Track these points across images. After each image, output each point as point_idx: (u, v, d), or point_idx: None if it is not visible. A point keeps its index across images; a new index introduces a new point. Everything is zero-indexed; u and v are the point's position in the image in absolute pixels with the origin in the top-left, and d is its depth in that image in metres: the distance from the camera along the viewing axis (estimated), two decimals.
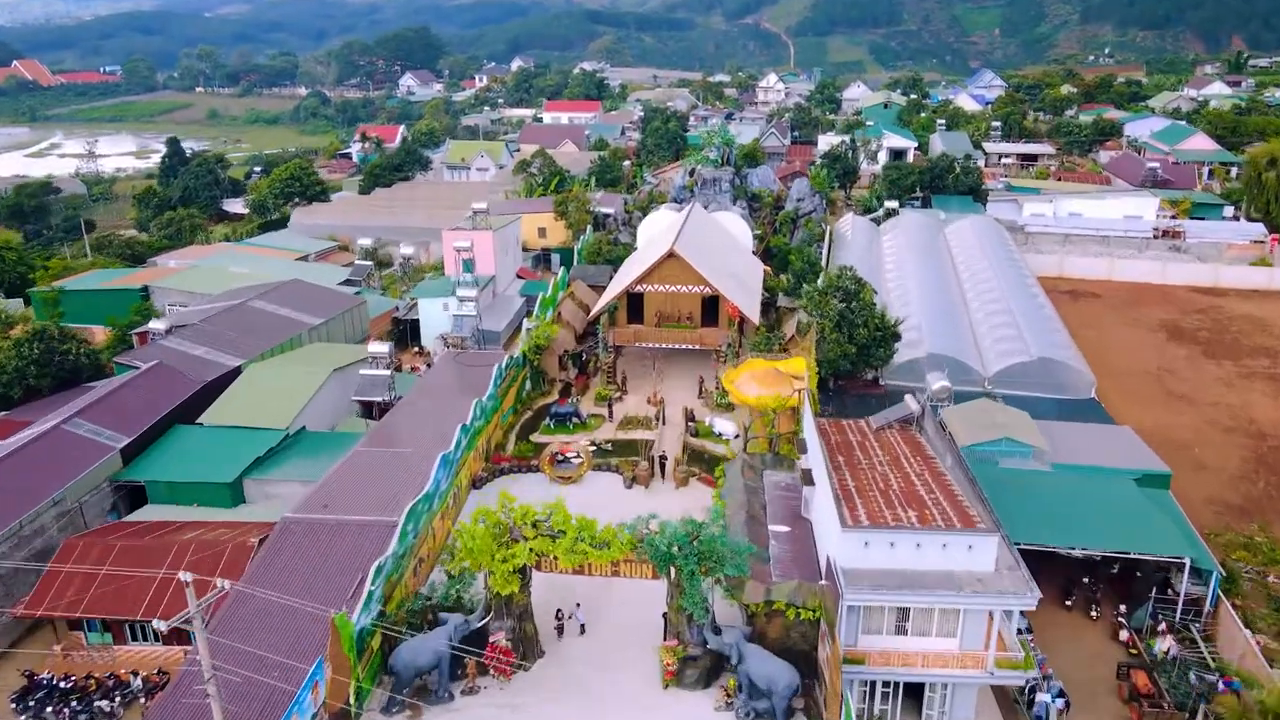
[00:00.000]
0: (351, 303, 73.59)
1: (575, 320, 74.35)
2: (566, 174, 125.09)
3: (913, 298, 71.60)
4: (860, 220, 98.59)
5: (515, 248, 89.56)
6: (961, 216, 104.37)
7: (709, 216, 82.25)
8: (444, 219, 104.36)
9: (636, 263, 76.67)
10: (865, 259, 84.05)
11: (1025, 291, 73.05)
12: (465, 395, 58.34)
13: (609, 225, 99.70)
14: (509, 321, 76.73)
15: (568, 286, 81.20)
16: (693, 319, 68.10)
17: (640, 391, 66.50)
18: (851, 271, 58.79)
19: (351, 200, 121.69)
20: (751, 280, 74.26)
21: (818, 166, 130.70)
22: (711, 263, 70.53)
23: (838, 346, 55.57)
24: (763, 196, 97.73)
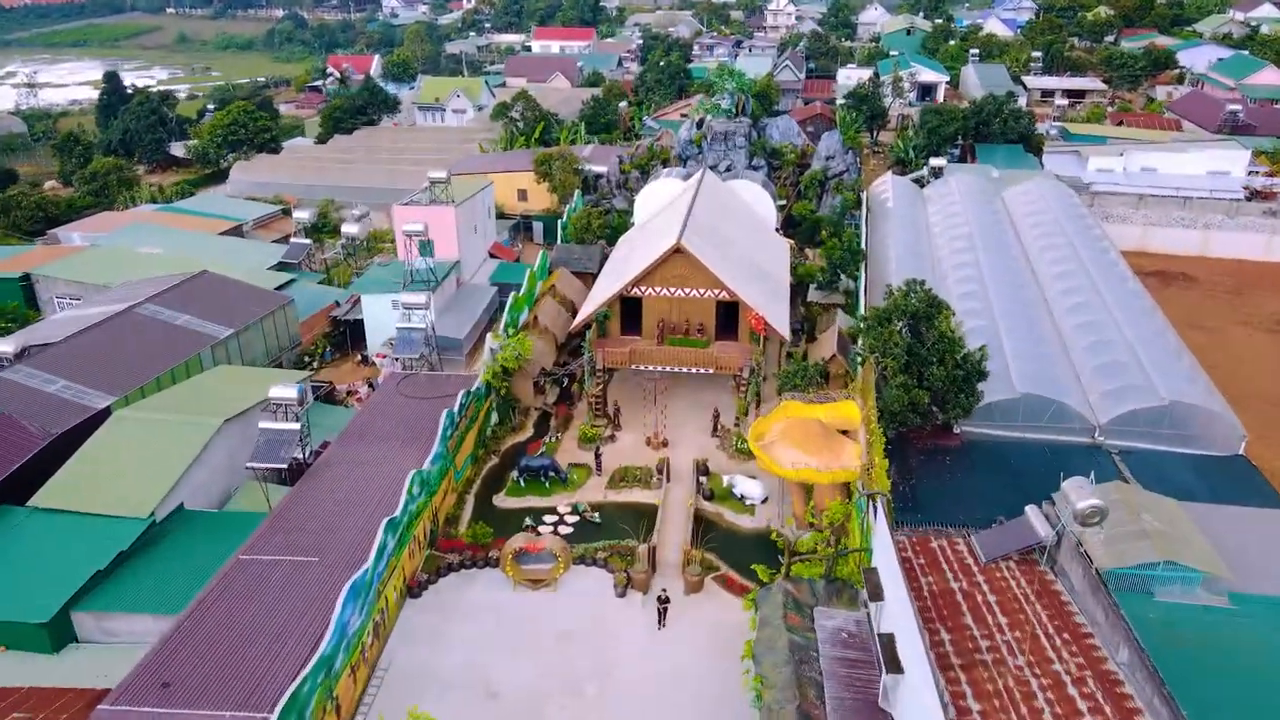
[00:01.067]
0: (274, 303, 58.40)
1: (557, 324, 59.25)
2: (553, 119, 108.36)
3: (980, 298, 56.45)
4: (900, 183, 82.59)
5: (487, 220, 73.92)
6: (1019, 176, 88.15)
7: (723, 187, 66.44)
8: (408, 177, 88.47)
9: (632, 246, 61.36)
10: (910, 237, 68.49)
11: (1125, 290, 57.89)
12: (407, 449, 43.97)
13: (601, 187, 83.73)
14: (475, 322, 61.61)
15: (548, 276, 65.80)
16: (705, 332, 53.13)
17: (637, 427, 51.86)
18: (923, 289, 43.48)
19: (303, 151, 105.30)
20: (779, 275, 58.97)
21: (844, 110, 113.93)
22: (729, 255, 55.23)
23: (904, 394, 40.70)
24: (784, 153, 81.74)
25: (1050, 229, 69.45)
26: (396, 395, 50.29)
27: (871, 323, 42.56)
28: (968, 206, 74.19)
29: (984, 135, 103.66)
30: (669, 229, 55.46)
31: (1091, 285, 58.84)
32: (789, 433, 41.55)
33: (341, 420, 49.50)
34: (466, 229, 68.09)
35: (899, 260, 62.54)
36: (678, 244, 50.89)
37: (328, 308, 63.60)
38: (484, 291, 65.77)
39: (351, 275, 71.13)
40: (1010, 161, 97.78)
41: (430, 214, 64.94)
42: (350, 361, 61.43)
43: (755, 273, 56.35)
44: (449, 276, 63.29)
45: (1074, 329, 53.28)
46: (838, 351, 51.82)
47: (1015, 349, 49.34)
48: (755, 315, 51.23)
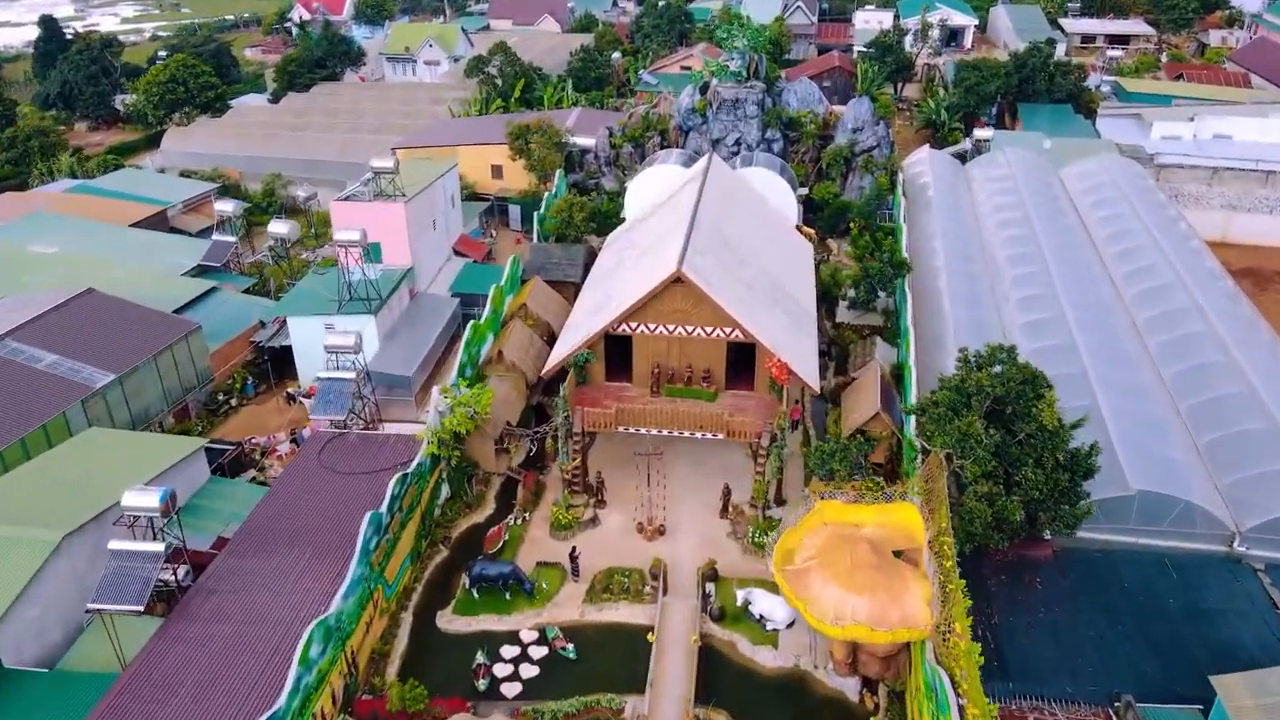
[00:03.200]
0: (176, 332, 46.80)
1: (527, 359, 47.81)
2: (536, 74, 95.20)
3: (1058, 330, 44.93)
4: (939, 160, 70.24)
5: (450, 211, 61.84)
6: (1075, 148, 75.67)
7: (733, 179, 54.26)
8: (366, 148, 76.14)
9: (620, 255, 49.67)
10: (958, 234, 56.58)
11: (1234, 311, 46.27)
12: (320, 562, 33.19)
13: (588, 164, 71.38)
14: (430, 349, 50.10)
15: (520, 288, 54.10)
16: (712, 380, 41.75)
17: (626, 502, 40.85)
18: (1013, 360, 31.90)
19: (250, 114, 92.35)
20: (803, 296, 47.33)
21: (865, 62, 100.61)
22: (743, 276, 43.60)
23: (989, 507, 29.54)
24: (803, 123, 69.26)
25: (1125, 223, 57.46)
26: (318, 468, 39.19)
27: (942, 409, 31.05)
28: (1022, 191, 62.06)
29: (1027, 93, 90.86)
30: (666, 245, 43.71)
31: (1192, 306, 47.21)
32: (829, 559, 30.48)
33: (248, 500, 38.48)
34: (422, 226, 56.17)
35: (949, 271, 50.73)
36: (678, 272, 39.22)
37: (247, 332, 51.96)
38: (443, 306, 54.06)
39: (287, 281, 59.30)
40: (1058, 125, 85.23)
41: (375, 212, 53.09)
42: (276, 398, 50.05)
43: (775, 296, 44.74)
44: (398, 290, 51.61)
45: (1181, 376, 41.84)
46: (881, 408, 40.46)
47: (1114, 407, 37.99)
48: (777, 362, 39.79)
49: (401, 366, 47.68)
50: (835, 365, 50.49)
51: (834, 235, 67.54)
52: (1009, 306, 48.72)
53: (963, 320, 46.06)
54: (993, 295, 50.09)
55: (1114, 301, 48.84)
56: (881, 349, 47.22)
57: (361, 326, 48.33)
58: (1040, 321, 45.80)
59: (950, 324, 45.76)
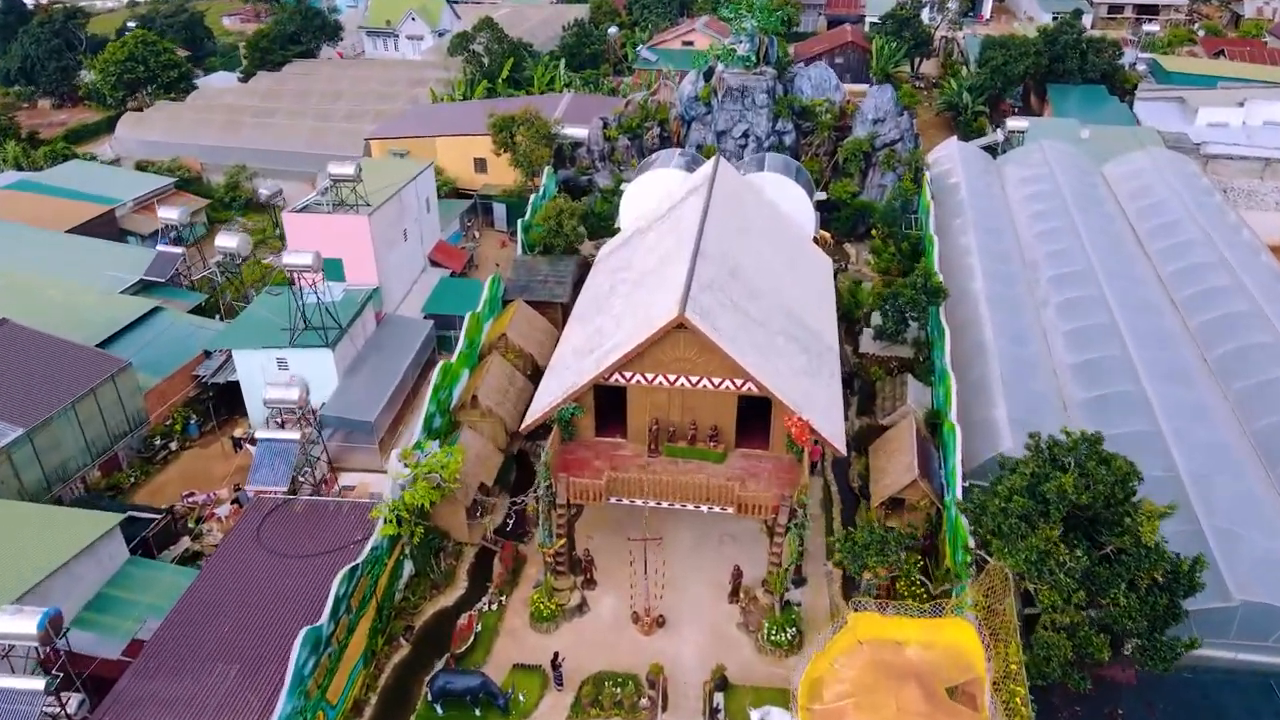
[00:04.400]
0: (100, 372, 40.48)
1: (506, 402, 41.63)
2: (526, 51, 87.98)
3: (1123, 373, 38.74)
4: (968, 153, 63.45)
5: (426, 216, 55.31)
6: (1115, 137, 69.00)
7: (742, 187, 47.67)
8: (339, 138, 69.59)
9: (615, 276, 43.37)
10: (996, 252, 50.11)
11: None
12: (246, 686, 27.36)
13: (580, 159, 64.66)
14: (397, 384, 43.87)
15: (500, 312, 47.81)
16: (720, 438, 35.62)
17: (619, 582, 34.93)
18: (1095, 447, 25.73)
19: (215, 97, 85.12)
20: (824, 328, 41.01)
21: (880, 37, 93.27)
22: (756, 313, 37.32)
23: (1067, 644, 23.54)
24: (817, 113, 62.43)
25: (1182, 233, 51.03)
26: (255, 547, 33.20)
27: (1012, 520, 24.84)
28: (1064, 195, 55.48)
29: (1057, 73, 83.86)
30: (665, 276, 37.38)
31: (1275, 340, 40.93)
32: (868, 700, 24.57)
33: (173, 587, 32.56)
34: (390, 239, 49.75)
35: (989, 297, 44.31)
36: (680, 317, 32.92)
37: (193, 361, 45.68)
38: (414, 330, 47.70)
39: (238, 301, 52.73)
40: (1092, 108, 78.53)
41: (335, 225, 46.72)
42: (219, 441, 43.89)
43: (792, 332, 38.47)
44: (362, 314, 45.28)
45: (1272, 433, 35.68)
46: (918, 474, 34.38)
47: (1198, 478, 31.94)
48: (797, 420, 33.63)
49: (363, 409, 41.49)
50: (858, 400, 44.39)
51: (852, 238, 61.16)
52: (1058, 338, 42.50)
53: (1008, 358, 39.80)
54: (1039, 323, 43.82)
55: (1179, 333, 42.58)
56: (914, 389, 41.00)
57: (316, 363, 42.34)
58: (1098, 363, 39.58)
59: (994, 362, 39.51)
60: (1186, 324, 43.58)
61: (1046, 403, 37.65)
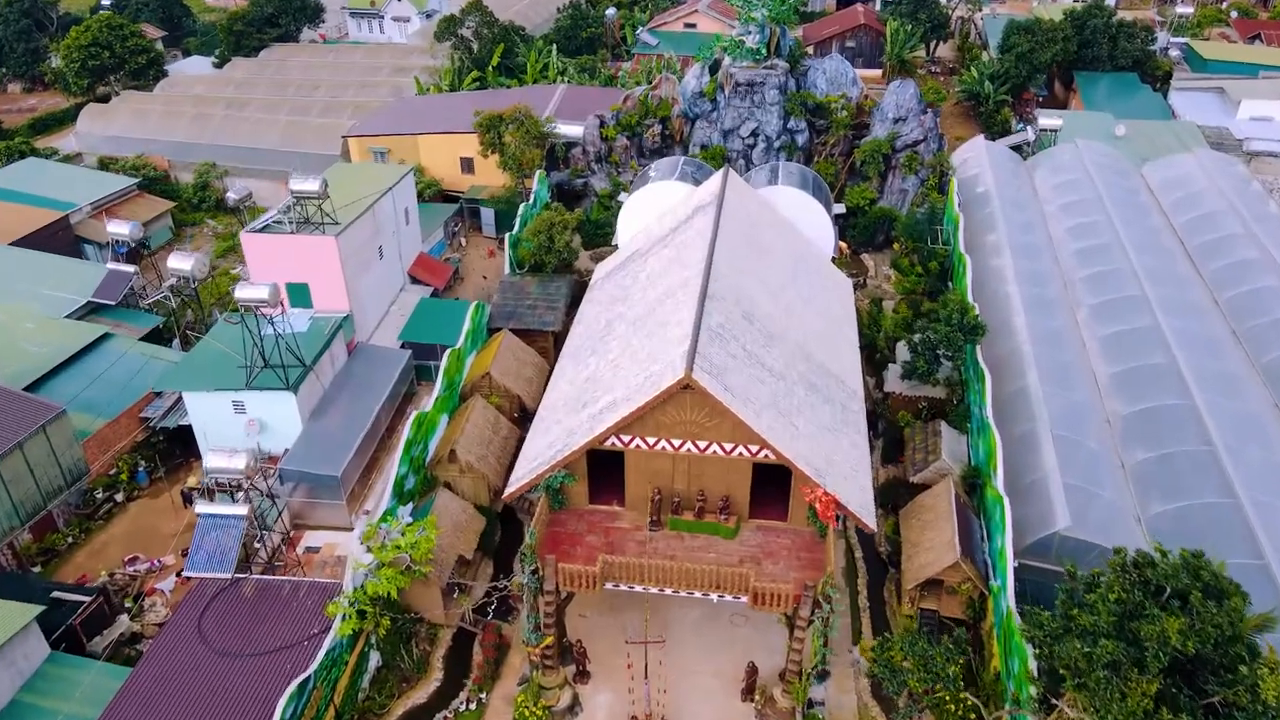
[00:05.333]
0: (29, 422, 35.68)
1: (489, 455, 37.02)
2: (518, 36, 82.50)
3: (1184, 429, 34.15)
4: (996, 154, 58.31)
5: (404, 229, 50.36)
6: (1151, 132, 63.93)
7: (755, 204, 42.73)
8: (315, 134, 64.63)
9: (612, 311, 38.69)
10: (1035, 274, 45.17)
11: None
12: None
13: (574, 161, 59.58)
14: (369, 428, 39.17)
15: (484, 343, 43.05)
16: (732, 509, 31.13)
17: (615, 674, 30.48)
18: (1197, 571, 21.11)
19: (185, 86, 79.58)
20: (850, 374, 36.35)
21: (894, 19, 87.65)
22: (773, 361, 32.71)
23: None
24: (832, 109, 57.31)
25: (1239, 251, 46.11)
26: (196, 642, 28.75)
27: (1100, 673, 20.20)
28: (1106, 206, 50.53)
29: (1085, 59, 78.49)
30: (668, 320, 32.68)
31: None
32: None
33: (98, 691, 28.13)
34: (363, 260, 44.91)
35: (1032, 331, 39.47)
36: (687, 378, 28.26)
37: (141, 401, 40.95)
38: (389, 362, 42.92)
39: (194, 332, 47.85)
40: (1122, 97, 73.40)
41: (300, 247, 41.87)
42: (169, 494, 39.28)
43: (813, 380, 33.84)
44: (329, 348, 40.51)
45: None
46: (961, 553, 29.87)
47: None
48: (821, 495, 29.08)
49: (329, 460, 36.82)
50: (883, 445, 39.77)
51: (870, 248, 56.29)
52: (1104, 377, 37.85)
53: (1056, 407, 35.11)
54: (1086, 361, 39.09)
55: (1247, 374, 37.87)
56: (948, 439, 36.37)
57: (277, 407, 37.71)
58: (1156, 415, 34.91)
59: (1040, 411, 34.82)
60: (1254, 363, 38.85)
61: (1102, 463, 33.06)
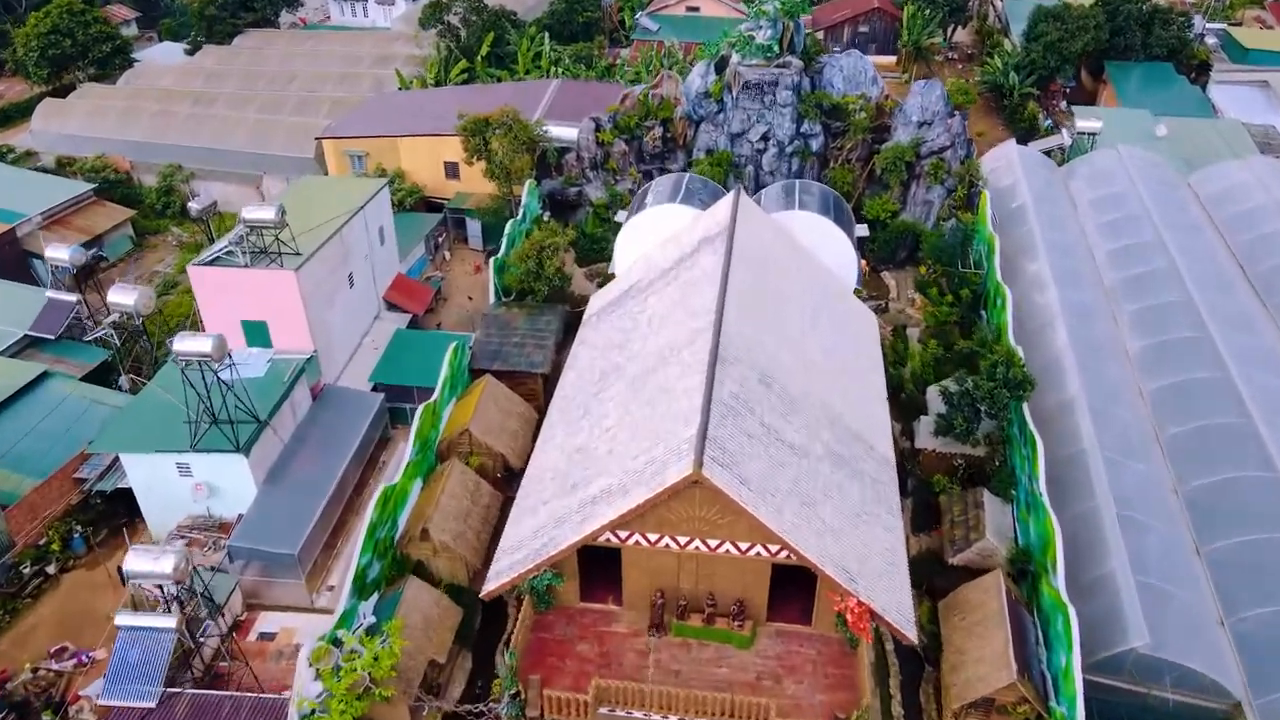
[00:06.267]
0: None
1: (467, 531, 32.47)
2: (509, 22, 77.08)
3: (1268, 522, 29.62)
4: (1030, 162, 53.25)
5: (379, 250, 45.47)
6: (1194, 132, 58.99)
7: (770, 232, 37.82)
8: (287, 134, 59.89)
9: (605, 354, 34.11)
10: (1083, 308, 40.26)
11: None
12: None
13: (567, 167, 54.56)
14: (333, 491, 34.56)
15: (465, 390, 38.34)
16: (747, 614, 26.65)
17: None
18: None
19: (151, 78, 74.03)
20: (880, 437, 31.72)
21: (915, 7, 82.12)
22: (794, 439, 28.25)
23: None
24: (850, 110, 52.26)
25: None
26: None
27: None
28: (1158, 226, 45.66)
29: (1117, 48, 73.24)
30: (673, 390, 28.00)
31: None
32: None
33: None
34: (329, 292, 40.10)
35: (1087, 388, 34.64)
36: (695, 474, 23.65)
37: (75, 460, 36.26)
38: (358, 409, 38.18)
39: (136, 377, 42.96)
40: (1157, 90, 68.47)
41: (255, 282, 37.07)
42: (105, 566, 34.75)
43: (840, 448, 29.27)
44: (287, 399, 35.80)
45: None
46: (1018, 671, 25.38)
47: None
48: (854, 606, 24.59)
49: (286, 535, 32.23)
50: (913, 508, 35.17)
51: (891, 265, 51.45)
52: (1168, 441, 33.24)
53: (1118, 479, 30.52)
54: (1148, 419, 34.42)
55: None
56: (991, 511, 31.78)
57: (228, 470, 33.14)
58: (1233, 488, 30.34)
59: (1100, 485, 30.26)
60: None
61: (1176, 552, 28.59)
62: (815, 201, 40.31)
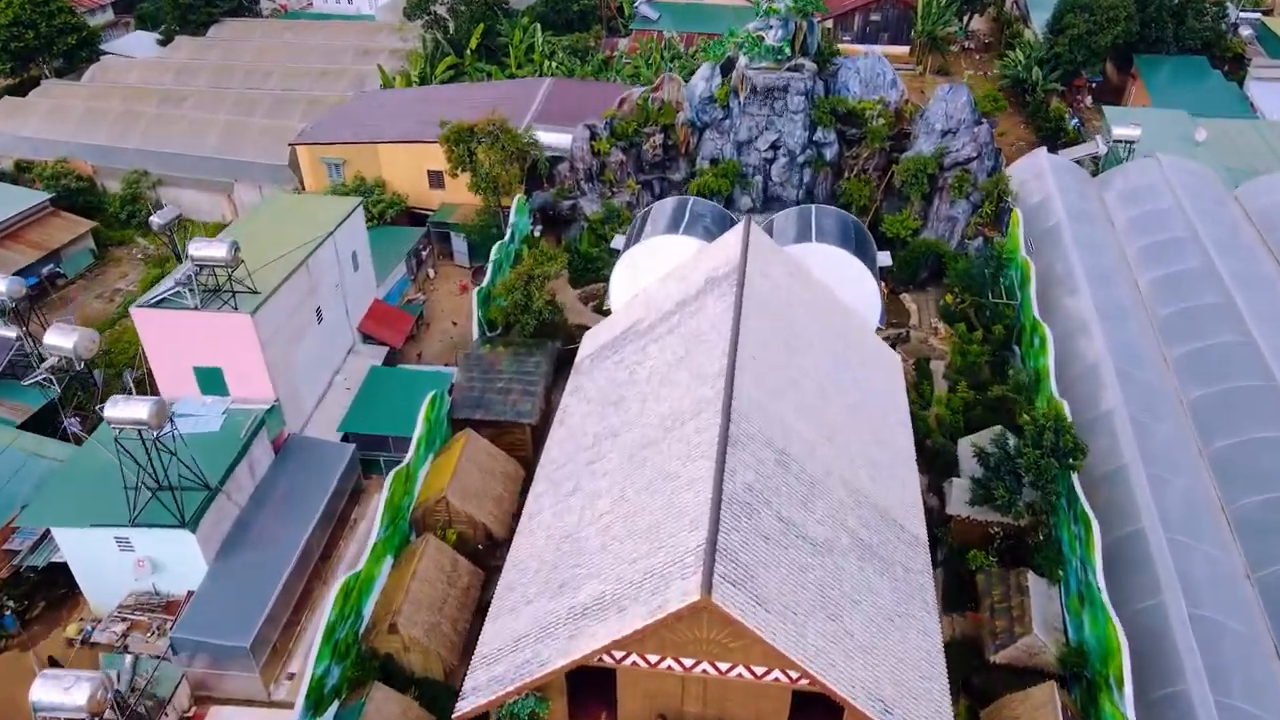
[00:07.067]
0: None
1: (443, 615, 28.64)
2: (501, 11, 72.52)
3: None
4: (1064, 173, 49.04)
5: (353, 276, 41.37)
6: (1231, 135, 54.76)
7: (785, 269, 33.70)
8: (259, 138, 55.73)
9: (600, 411, 30.25)
10: (1130, 349, 36.33)
11: None
12: None
13: (559, 179, 50.36)
14: (292, 569, 30.75)
15: (444, 446, 34.45)
16: None
17: None
18: None
19: (120, 72, 69.56)
20: (911, 515, 27.86)
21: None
22: (816, 533, 24.29)
23: None
24: (867, 116, 48.03)
25: None
26: None
27: None
28: (1203, 241, 41.60)
29: (1148, 40, 68.79)
30: (675, 473, 24.10)
31: None
32: None
33: None
34: (294, 329, 36.09)
35: (1138, 439, 30.86)
36: (704, 600, 19.81)
37: (4, 529, 32.38)
38: (326, 463, 34.32)
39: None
40: (1190, 85, 64.37)
41: (207, 327, 33.04)
42: (35, 652, 30.98)
43: (867, 535, 25.48)
44: (244, 457, 31.91)
45: None
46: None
47: None
48: None
49: (236, 626, 28.45)
50: (943, 580, 31.36)
51: (912, 286, 47.44)
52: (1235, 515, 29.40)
53: (1185, 568, 26.70)
54: (1205, 481, 30.57)
55: None
56: (1038, 597, 27.98)
57: (173, 546, 29.35)
58: None
59: (1167, 575, 26.45)
60: None
61: (1256, 661, 24.76)
62: (834, 231, 36.14)
